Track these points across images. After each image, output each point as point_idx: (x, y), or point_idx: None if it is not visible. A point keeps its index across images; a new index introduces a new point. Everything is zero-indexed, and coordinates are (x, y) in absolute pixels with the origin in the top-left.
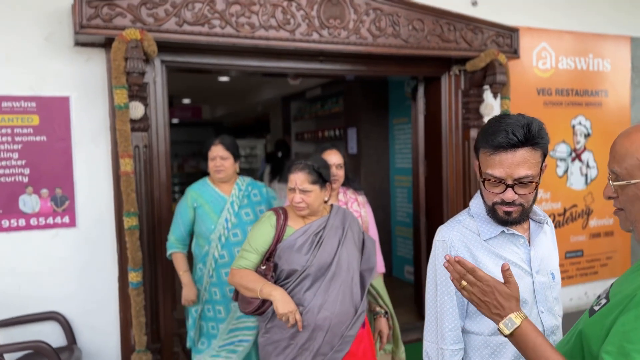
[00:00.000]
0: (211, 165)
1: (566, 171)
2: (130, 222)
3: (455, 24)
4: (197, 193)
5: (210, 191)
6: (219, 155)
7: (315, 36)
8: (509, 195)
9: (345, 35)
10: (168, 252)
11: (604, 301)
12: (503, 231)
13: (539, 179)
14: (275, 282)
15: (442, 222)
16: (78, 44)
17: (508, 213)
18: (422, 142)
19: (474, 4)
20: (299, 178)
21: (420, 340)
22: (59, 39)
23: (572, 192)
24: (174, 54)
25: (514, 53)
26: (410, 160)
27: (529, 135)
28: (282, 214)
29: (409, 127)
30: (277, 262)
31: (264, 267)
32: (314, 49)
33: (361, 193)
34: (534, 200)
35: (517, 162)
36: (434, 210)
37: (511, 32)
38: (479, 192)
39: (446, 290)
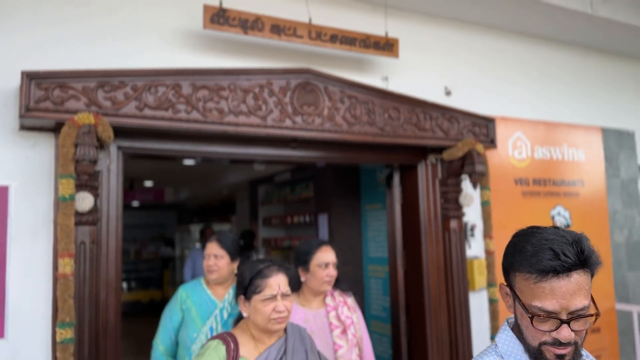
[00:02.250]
0: (204, 264)
1: None
2: (63, 334)
3: (431, 113)
4: (186, 293)
5: (201, 293)
6: (213, 253)
7: (288, 123)
8: (566, 334)
9: (320, 122)
10: None
11: None
12: None
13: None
14: None
15: (423, 320)
16: (24, 127)
17: (562, 357)
18: (399, 232)
19: (448, 93)
20: (282, 281)
21: None
22: (1, 122)
23: None
24: (132, 139)
25: (491, 142)
26: (385, 249)
27: (582, 255)
28: (231, 342)
29: (383, 213)
30: None
31: None
32: (287, 135)
33: (350, 295)
34: (584, 338)
35: (572, 290)
36: (415, 307)
37: (487, 122)
38: (505, 324)
39: None
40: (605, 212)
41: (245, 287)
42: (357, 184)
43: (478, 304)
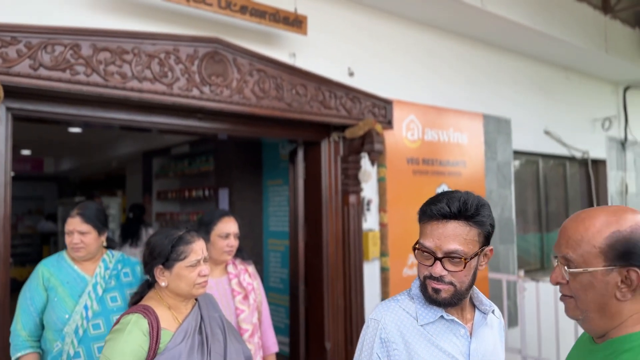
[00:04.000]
0: (67, 241)
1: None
2: None
3: (336, 92)
4: (49, 271)
5: (67, 269)
6: (76, 230)
7: (195, 92)
8: (437, 269)
9: (228, 94)
10: (15, 356)
11: None
12: (442, 316)
13: (478, 263)
14: None
15: (321, 289)
16: None
17: (437, 291)
18: (301, 206)
19: (351, 74)
20: (203, 245)
21: None
22: None
23: None
24: (24, 101)
25: (389, 124)
26: (285, 223)
27: (464, 209)
28: (151, 314)
29: (284, 189)
30: None
31: None
32: (194, 105)
33: (250, 263)
34: (471, 285)
35: (447, 235)
36: (313, 278)
37: (386, 104)
38: None
39: None
40: (483, 191)
41: (167, 256)
42: (259, 159)
43: (371, 273)
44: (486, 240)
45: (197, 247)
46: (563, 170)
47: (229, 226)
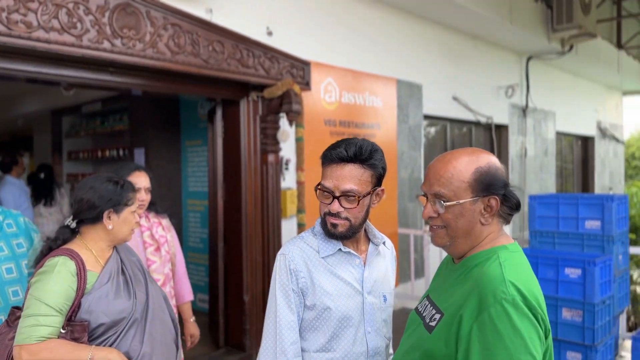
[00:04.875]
0: None
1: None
2: None
3: (254, 51)
4: None
5: None
6: None
7: (106, 45)
8: (335, 206)
9: (141, 48)
10: None
11: (437, 315)
12: (340, 249)
13: (370, 201)
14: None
15: (240, 246)
16: None
17: (334, 225)
18: (220, 166)
19: (270, 34)
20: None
21: None
22: None
23: None
24: None
25: (307, 85)
26: (204, 184)
27: (359, 153)
28: (77, 257)
29: (203, 149)
30: (87, 319)
31: (64, 331)
32: (105, 58)
33: (165, 216)
34: (364, 220)
35: (344, 176)
36: (232, 235)
37: (304, 65)
38: None
39: (286, 304)
40: (395, 153)
41: (118, 201)
42: (176, 119)
43: (289, 229)
44: (378, 181)
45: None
46: (469, 134)
47: (140, 180)
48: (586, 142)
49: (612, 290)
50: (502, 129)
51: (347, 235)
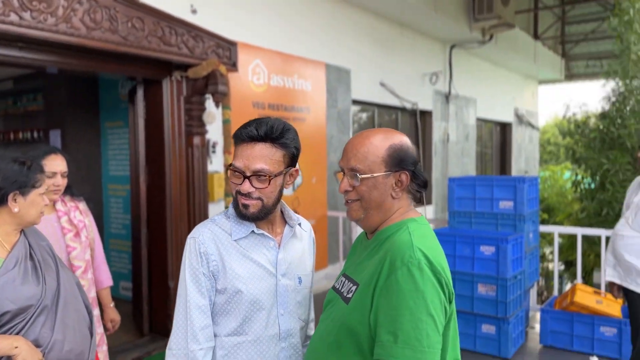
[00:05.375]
0: None
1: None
2: None
3: (177, 29)
4: None
5: None
6: None
7: (13, 18)
8: (246, 186)
9: (53, 22)
10: None
11: (353, 287)
12: (253, 231)
13: (284, 182)
14: None
15: (164, 233)
16: None
17: (246, 206)
18: (142, 148)
19: (194, 12)
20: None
21: (141, 358)
22: None
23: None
24: None
25: (233, 66)
26: (127, 167)
27: (270, 132)
28: None
29: (125, 131)
30: None
31: None
32: (12, 32)
33: (81, 200)
34: (277, 200)
35: (254, 156)
36: (156, 221)
37: (231, 45)
38: None
39: (196, 288)
40: (324, 136)
41: (25, 182)
42: (95, 99)
43: (216, 213)
44: (291, 161)
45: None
46: (395, 119)
47: (55, 164)
48: (504, 128)
49: (523, 266)
50: (426, 114)
51: (259, 216)
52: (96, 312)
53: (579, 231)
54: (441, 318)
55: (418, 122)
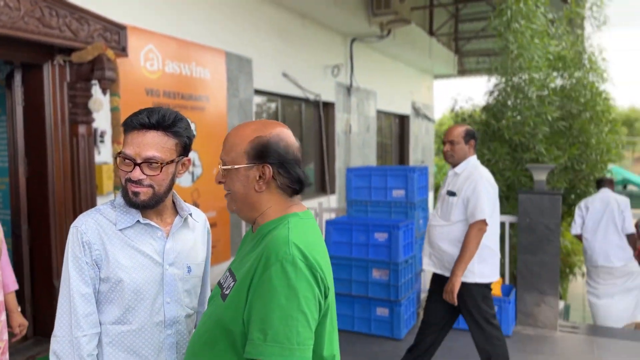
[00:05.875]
0: None
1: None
2: None
3: (58, 10)
4: None
5: None
6: None
7: None
8: (136, 173)
9: None
10: None
11: (232, 283)
12: (138, 221)
13: (176, 171)
14: None
15: (48, 228)
16: None
17: (136, 194)
18: (21, 138)
19: None
20: None
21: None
22: None
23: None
24: None
25: (122, 50)
26: (5, 158)
27: (162, 120)
28: None
29: (2, 119)
30: None
31: None
32: None
33: None
34: (168, 189)
35: (145, 143)
36: (38, 216)
37: (119, 29)
38: None
39: (79, 277)
40: (226, 126)
41: None
42: None
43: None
44: (184, 151)
45: None
46: (300, 111)
47: None
48: (403, 120)
49: (414, 251)
50: (329, 106)
51: (149, 204)
52: (2, 317)
53: None
54: (314, 314)
55: (321, 113)
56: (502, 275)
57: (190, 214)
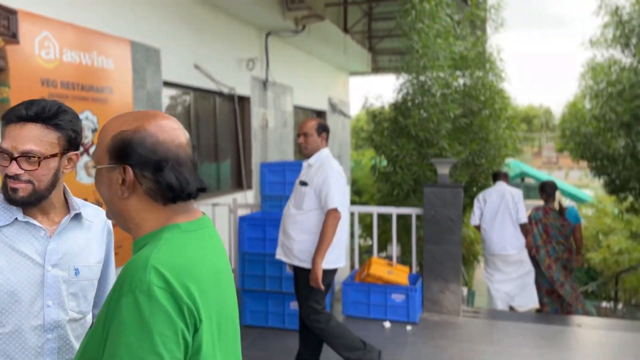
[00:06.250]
0: None
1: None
2: None
3: None
4: None
5: None
6: None
7: None
8: (13, 168)
9: None
10: None
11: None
12: (17, 219)
13: (61, 166)
14: None
15: None
16: None
17: (15, 190)
18: None
19: None
20: None
21: None
22: None
23: (82, 186)
24: None
25: (13, 37)
26: None
27: (41, 112)
28: None
29: None
30: None
31: None
32: None
33: None
34: (51, 185)
35: (23, 136)
36: None
37: (8, 14)
38: None
39: None
40: None
41: None
42: None
43: None
44: (70, 145)
45: None
46: (213, 104)
47: None
48: (320, 116)
49: None
50: (245, 100)
51: (29, 200)
52: None
53: (374, 210)
54: (176, 354)
55: (237, 107)
56: (410, 264)
57: (80, 213)
